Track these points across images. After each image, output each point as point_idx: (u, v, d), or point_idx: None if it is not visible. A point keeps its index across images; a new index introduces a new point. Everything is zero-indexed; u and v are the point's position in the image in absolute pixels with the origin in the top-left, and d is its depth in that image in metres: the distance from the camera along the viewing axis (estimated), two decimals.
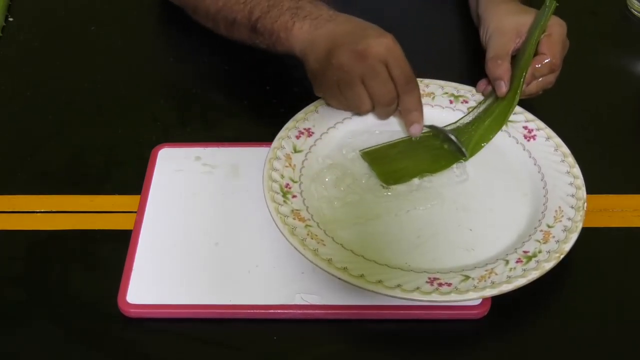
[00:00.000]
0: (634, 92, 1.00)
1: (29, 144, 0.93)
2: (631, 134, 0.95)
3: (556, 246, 0.75)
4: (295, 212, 0.78)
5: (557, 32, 0.87)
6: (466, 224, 0.80)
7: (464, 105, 0.91)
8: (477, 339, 0.75)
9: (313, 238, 0.75)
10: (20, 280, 0.79)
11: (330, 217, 0.79)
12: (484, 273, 0.73)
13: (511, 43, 0.87)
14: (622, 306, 0.77)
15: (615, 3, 1.11)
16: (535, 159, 0.85)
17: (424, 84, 0.92)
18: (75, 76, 1.02)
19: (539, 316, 0.76)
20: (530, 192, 0.83)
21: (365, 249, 0.76)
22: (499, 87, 0.87)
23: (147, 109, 0.97)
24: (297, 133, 0.86)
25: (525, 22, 0.88)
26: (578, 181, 0.82)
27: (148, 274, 0.78)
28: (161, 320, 0.75)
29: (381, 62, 0.80)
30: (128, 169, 0.90)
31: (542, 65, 0.86)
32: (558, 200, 0.80)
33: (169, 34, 1.06)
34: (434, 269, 0.75)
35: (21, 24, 1.10)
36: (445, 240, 0.79)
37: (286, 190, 0.80)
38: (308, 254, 0.73)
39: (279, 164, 0.83)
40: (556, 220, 0.78)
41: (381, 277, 0.72)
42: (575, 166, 0.83)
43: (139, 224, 0.82)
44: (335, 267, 0.72)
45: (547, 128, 0.88)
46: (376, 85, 0.81)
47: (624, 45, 1.06)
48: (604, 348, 0.74)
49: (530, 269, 0.73)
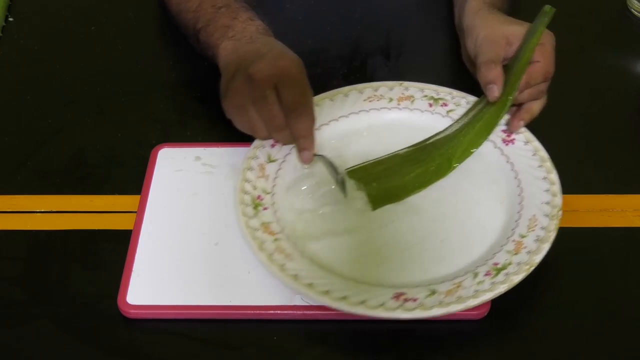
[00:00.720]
0: (633, 92, 1.00)
1: (29, 144, 0.93)
2: (631, 134, 0.95)
3: (527, 258, 0.73)
4: (265, 225, 0.77)
5: (549, 42, 0.86)
6: (438, 234, 0.79)
7: (444, 108, 0.90)
8: (476, 340, 0.75)
9: (281, 252, 0.74)
10: (20, 280, 0.79)
11: (302, 229, 0.78)
12: (451, 287, 0.72)
13: (502, 50, 0.86)
14: (622, 306, 0.77)
15: (615, 3, 1.11)
16: (513, 163, 0.84)
17: (404, 86, 0.91)
18: (75, 76, 1.02)
19: (539, 316, 0.76)
20: (506, 199, 0.81)
21: (334, 263, 0.75)
22: (492, 92, 0.85)
23: (147, 109, 0.97)
24: (272, 141, 0.84)
25: (515, 32, 0.86)
26: (554, 187, 0.80)
27: (148, 275, 0.78)
28: (161, 320, 0.75)
29: (269, 86, 0.77)
30: (128, 169, 0.90)
31: (537, 73, 0.85)
32: (533, 208, 0.79)
33: (169, 34, 1.06)
34: (402, 282, 0.74)
35: (21, 24, 1.10)
36: (416, 252, 0.77)
37: (257, 202, 0.79)
38: (274, 269, 0.73)
39: (252, 175, 0.82)
40: (530, 229, 0.77)
41: (346, 293, 0.71)
42: (553, 172, 0.82)
43: (139, 224, 0.82)
44: (301, 284, 0.71)
45: (527, 131, 0.86)
46: (262, 109, 0.78)
47: (624, 45, 1.06)
48: (604, 348, 0.74)
49: (498, 282, 0.72)
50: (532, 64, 0.84)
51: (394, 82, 0.92)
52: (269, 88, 0.77)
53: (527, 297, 0.77)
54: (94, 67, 1.03)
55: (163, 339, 0.75)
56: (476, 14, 0.91)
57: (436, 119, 0.89)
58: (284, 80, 0.78)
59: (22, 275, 0.80)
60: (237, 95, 0.79)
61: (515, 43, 0.86)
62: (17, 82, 1.02)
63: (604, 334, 0.75)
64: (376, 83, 0.91)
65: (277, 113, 0.77)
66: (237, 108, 0.80)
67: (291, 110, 0.78)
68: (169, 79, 1.01)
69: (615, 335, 0.75)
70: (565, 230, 0.83)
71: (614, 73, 1.02)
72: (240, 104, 0.79)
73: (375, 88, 0.91)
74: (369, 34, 1.05)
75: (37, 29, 1.10)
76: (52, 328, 0.75)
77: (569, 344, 0.74)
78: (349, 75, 1.00)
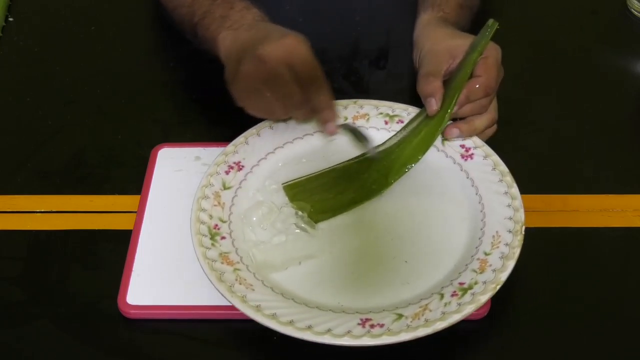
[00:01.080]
0: (633, 92, 1.00)
1: (29, 144, 0.93)
2: (631, 134, 0.95)
3: (492, 276, 0.72)
4: (224, 256, 0.75)
5: (493, 55, 0.83)
6: (402, 255, 0.77)
7: (400, 125, 0.87)
8: (477, 340, 0.75)
9: (241, 283, 0.73)
10: (20, 280, 0.79)
11: (261, 260, 0.76)
12: (417, 310, 0.70)
13: (444, 64, 0.83)
14: (622, 306, 0.77)
15: (615, 3, 1.11)
16: (473, 179, 0.82)
17: (358, 104, 0.89)
18: (75, 76, 1.02)
19: (539, 316, 0.76)
20: (468, 216, 0.79)
21: (297, 291, 0.74)
22: (430, 105, 0.82)
23: (147, 109, 0.97)
24: (226, 168, 0.83)
25: (459, 45, 0.84)
26: (516, 202, 0.78)
27: (148, 275, 0.78)
28: (161, 320, 0.75)
29: (282, 64, 0.76)
30: (128, 169, 0.90)
31: (477, 87, 0.81)
32: (496, 224, 0.77)
33: (169, 34, 1.06)
34: (367, 308, 0.72)
35: (21, 24, 1.10)
36: (380, 275, 0.76)
37: (215, 232, 0.77)
38: (236, 301, 0.71)
39: (208, 204, 0.79)
40: (493, 246, 0.75)
41: (311, 322, 0.69)
42: (514, 186, 0.79)
43: (139, 224, 0.82)
44: (264, 315, 0.69)
45: (485, 146, 0.84)
46: (279, 88, 0.77)
47: (624, 45, 1.06)
48: (604, 348, 0.74)
49: (465, 303, 0.70)
50: (473, 79, 0.82)
51: (348, 100, 0.89)
52: (283, 67, 0.77)
53: (527, 298, 0.77)
54: (94, 67, 1.03)
55: (163, 339, 0.75)
56: (424, 27, 0.90)
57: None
58: (296, 58, 0.77)
59: (22, 275, 0.80)
60: (248, 79, 0.78)
61: (459, 57, 0.83)
62: (17, 82, 1.02)
63: (604, 333, 0.75)
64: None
65: (295, 90, 0.77)
66: (250, 92, 0.79)
67: (309, 85, 0.78)
68: (169, 79, 1.02)
69: (616, 335, 0.75)
70: (565, 230, 0.83)
71: (614, 73, 1.02)
72: (253, 87, 0.78)
73: None
74: (368, 34, 1.05)
75: (37, 29, 1.10)
76: (52, 328, 0.75)
77: (569, 344, 0.74)
78: (349, 75, 1.00)
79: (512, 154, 0.90)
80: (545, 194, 0.86)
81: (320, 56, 1.02)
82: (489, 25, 0.83)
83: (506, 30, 1.07)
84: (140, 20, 1.10)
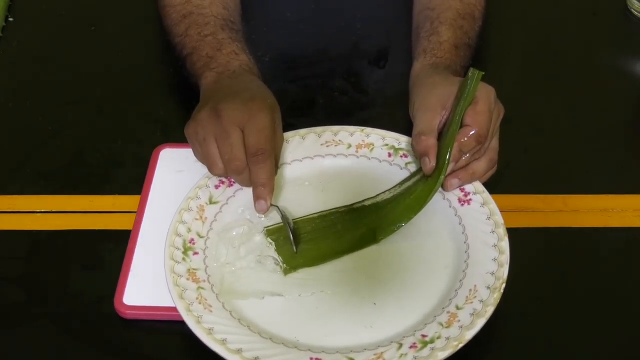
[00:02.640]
0: (633, 92, 1.00)
1: (29, 144, 0.93)
2: (631, 134, 0.95)
3: (457, 332, 0.69)
4: (192, 272, 0.74)
5: (483, 99, 0.79)
6: (372, 297, 0.74)
7: (403, 160, 0.85)
8: (476, 342, 0.74)
9: (201, 302, 0.72)
10: (20, 280, 0.79)
11: (228, 283, 0.75)
12: (371, 357, 0.68)
13: (437, 117, 0.79)
14: (623, 306, 0.77)
15: (615, 3, 1.11)
16: (465, 226, 0.78)
17: (365, 133, 0.86)
18: (75, 76, 1.02)
19: (539, 317, 0.76)
20: (451, 264, 0.76)
21: (255, 319, 0.72)
22: (424, 164, 0.79)
23: (147, 109, 0.97)
24: (217, 182, 0.82)
25: (451, 93, 0.80)
26: (502, 257, 0.74)
27: (145, 275, 0.78)
28: (157, 321, 0.75)
29: (235, 126, 0.75)
30: (128, 169, 0.90)
31: (467, 138, 0.77)
32: (476, 277, 0.73)
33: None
34: (321, 347, 0.70)
35: (21, 24, 1.10)
36: (344, 315, 0.73)
37: (188, 246, 0.76)
38: (191, 321, 0.70)
39: (189, 216, 0.78)
40: (467, 301, 0.72)
41: (259, 354, 0.68)
42: (505, 239, 0.76)
43: (138, 224, 0.82)
44: (214, 339, 0.68)
45: (485, 192, 0.80)
46: (224, 147, 0.76)
47: (624, 45, 1.06)
48: (604, 347, 0.74)
49: (421, 357, 0.67)
50: (462, 130, 0.78)
51: (356, 127, 0.87)
52: (235, 129, 0.76)
53: (527, 298, 0.77)
54: (94, 67, 1.03)
55: (159, 339, 0.75)
56: (416, 77, 0.87)
57: (394, 170, 0.84)
58: (250, 124, 0.76)
59: (22, 275, 0.80)
60: (200, 127, 0.77)
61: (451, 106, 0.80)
62: (17, 82, 1.02)
63: (604, 333, 0.75)
64: (336, 127, 0.87)
65: (238, 155, 0.75)
66: (198, 139, 0.78)
67: (252, 155, 0.75)
68: (169, 79, 1.01)
69: (616, 336, 0.75)
70: (565, 230, 0.83)
71: (614, 73, 1.02)
72: (202, 136, 0.77)
73: (335, 132, 0.87)
74: (368, 37, 1.05)
75: (37, 29, 1.10)
76: (52, 328, 0.75)
77: (569, 344, 0.74)
78: (349, 76, 1.00)
79: (513, 154, 0.90)
80: (545, 194, 0.86)
81: (320, 56, 1.03)
82: (469, 76, 0.78)
83: (507, 31, 1.08)
84: (140, 20, 1.10)
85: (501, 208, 0.83)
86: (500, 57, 1.03)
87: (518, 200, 0.85)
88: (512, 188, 0.86)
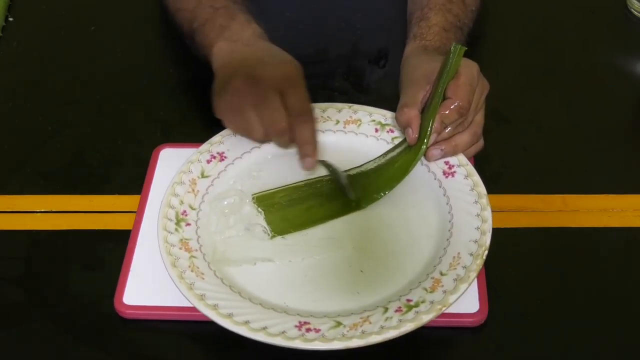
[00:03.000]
0: (633, 92, 0.99)
1: (29, 144, 0.93)
2: (631, 134, 0.95)
3: (441, 297, 0.71)
4: (184, 242, 0.76)
5: (465, 73, 0.80)
6: (359, 264, 0.76)
7: (389, 135, 0.87)
8: (474, 347, 0.75)
9: (193, 270, 0.74)
10: (20, 280, 0.79)
11: (221, 252, 0.77)
12: (358, 320, 0.70)
13: (421, 91, 0.81)
14: (623, 307, 0.77)
15: (615, 3, 1.11)
16: (449, 197, 0.80)
17: (353, 109, 0.89)
18: (75, 76, 1.02)
19: (538, 317, 0.76)
20: (435, 234, 0.78)
21: (246, 285, 0.74)
22: (408, 135, 0.81)
23: (147, 109, 0.97)
24: (208, 157, 0.84)
25: (435, 69, 0.82)
26: (485, 226, 0.76)
27: (145, 275, 0.78)
28: (157, 321, 0.75)
29: (274, 90, 0.77)
30: (128, 169, 0.90)
31: (449, 111, 0.79)
32: (460, 245, 0.75)
33: (169, 34, 1.06)
34: (309, 311, 0.72)
35: (21, 24, 1.10)
36: (332, 281, 0.75)
37: (181, 218, 0.78)
38: (183, 287, 0.72)
39: (182, 189, 0.80)
40: (451, 267, 0.74)
41: (249, 318, 0.70)
42: (487, 209, 0.78)
43: (138, 224, 0.82)
44: (205, 304, 0.70)
45: (469, 165, 0.82)
46: (265, 112, 0.77)
47: (624, 45, 1.06)
48: (605, 347, 0.74)
49: (406, 320, 0.69)
50: (444, 102, 0.79)
51: (344, 104, 0.89)
52: (275, 93, 0.77)
53: (526, 298, 0.77)
54: (94, 67, 1.03)
55: (160, 339, 0.75)
56: (406, 59, 0.89)
57: (381, 145, 0.86)
58: (290, 86, 0.78)
59: (22, 275, 0.80)
60: (236, 96, 0.79)
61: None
62: (17, 82, 1.02)
63: (604, 334, 0.75)
64: (324, 104, 0.89)
65: (281, 118, 0.77)
66: (235, 108, 0.79)
67: (297, 116, 0.78)
68: (169, 79, 1.01)
69: (616, 336, 0.75)
70: (565, 230, 0.83)
71: (614, 73, 1.02)
72: (239, 105, 0.79)
73: (323, 109, 0.89)
74: (368, 36, 1.05)
75: (37, 29, 1.10)
76: (52, 328, 0.75)
77: (569, 344, 0.74)
78: (349, 76, 1.00)
79: (512, 154, 0.90)
80: (545, 194, 0.86)
81: (320, 56, 1.03)
82: (451, 50, 0.80)
83: (506, 30, 1.08)
84: (140, 20, 1.10)
85: (501, 208, 0.83)
86: (500, 57, 1.03)
87: (518, 200, 0.85)
88: (512, 188, 0.86)
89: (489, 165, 0.88)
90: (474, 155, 0.85)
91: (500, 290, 0.77)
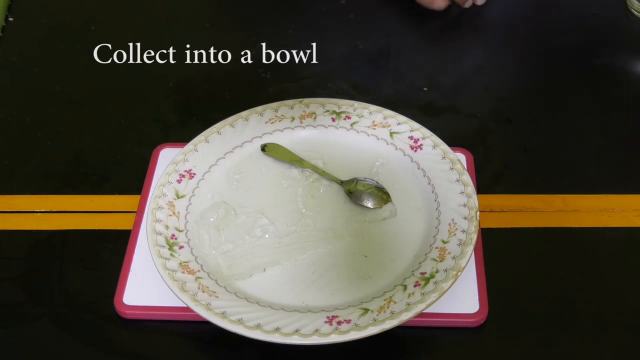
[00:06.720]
0: (634, 92, 0.99)
1: (29, 144, 0.93)
2: (631, 134, 0.95)
3: (453, 263, 0.73)
4: (184, 265, 0.75)
5: None
6: (361, 251, 0.77)
7: (347, 121, 0.88)
8: (474, 347, 0.74)
9: (204, 291, 0.72)
10: (20, 280, 0.79)
11: (226, 269, 0.76)
12: (382, 303, 0.71)
13: None
14: (623, 307, 0.77)
15: (615, 3, 1.11)
16: (425, 169, 0.82)
17: (304, 104, 0.89)
18: (75, 76, 1.02)
19: (538, 318, 0.76)
20: (422, 206, 0.80)
21: (260, 295, 0.74)
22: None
23: (147, 109, 0.97)
24: (177, 177, 0.83)
25: None
26: (469, 189, 0.79)
27: (145, 275, 0.78)
28: (157, 321, 0.75)
29: None
30: (128, 169, 0.90)
31: None
32: (451, 212, 0.78)
33: (169, 33, 1.06)
34: (332, 305, 0.72)
35: (21, 24, 1.10)
36: (341, 272, 0.76)
37: (172, 242, 0.77)
38: (201, 310, 0.70)
39: (162, 214, 0.79)
40: (450, 234, 0.76)
41: (278, 324, 0.69)
42: (465, 173, 0.80)
43: (138, 224, 0.82)
44: (230, 320, 0.69)
45: (433, 135, 0.84)
46: None
47: (624, 45, 1.06)
48: (604, 348, 0.74)
49: (429, 292, 0.71)
50: None
51: (294, 100, 0.89)
52: None
53: (526, 298, 0.77)
54: (93, 67, 1.03)
55: (160, 339, 0.75)
56: None
57: (341, 133, 0.87)
58: None
59: (22, 275, 0.80)
60: None
61: None
62: (17, 82, 1.02)
63: (604, 334, 0.75)
64: (275, 104, 0.89)
65: None
66: None
67: None
68: (169, 79, 1.01)
69: (616, 336, 0.75)
70: (565, 230, 0.83)
71: (614, 73, 1.02)
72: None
73: (275, 109, 0.89)
74: (368, 37, 1.05)
75: (37, 29, 1.10)
76: (52, 328, 0.75)
77: (569, 344, 0.74)
78: (349, 77, 1.00)
79: (512, 154, 0.90)
80: (545, 194, 0.86)
81: (320, 56, 1.03)
82: None
83: (506, 30, 1.08)
84: (140, 20, 1.10)
85: (501, 208, 0.83)
86: (501, 57, 1.03)
87: (518, 200, 0.85)
88: (512, 188, 0.87)
89: (489, 165, 0.88)
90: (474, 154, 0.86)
91: (500, 290, 0.77)
